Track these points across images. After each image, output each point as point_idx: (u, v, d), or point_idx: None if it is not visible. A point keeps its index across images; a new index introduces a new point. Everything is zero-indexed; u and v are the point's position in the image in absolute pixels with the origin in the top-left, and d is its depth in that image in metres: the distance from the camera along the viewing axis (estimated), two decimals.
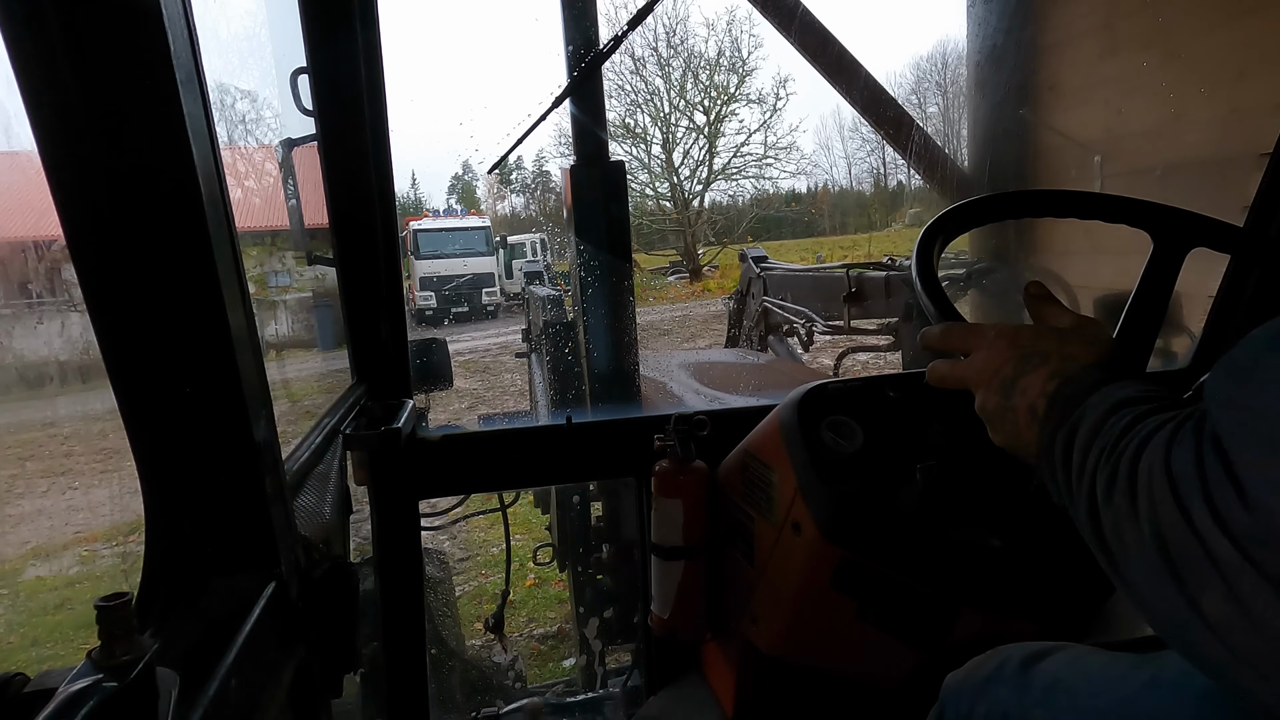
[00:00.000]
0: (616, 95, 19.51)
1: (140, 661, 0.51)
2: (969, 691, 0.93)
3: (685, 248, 19.13)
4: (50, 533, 3.17)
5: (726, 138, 19.85)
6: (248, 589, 0.72)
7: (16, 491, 3.02)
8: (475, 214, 18.33)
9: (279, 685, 0.75)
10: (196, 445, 0.69)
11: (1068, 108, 2.29)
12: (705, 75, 19.40)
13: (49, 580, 3.01)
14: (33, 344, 1.66)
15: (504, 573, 2.25)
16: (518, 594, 4.37)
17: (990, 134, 2.13)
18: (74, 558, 3.11)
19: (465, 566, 4.76)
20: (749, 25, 18.75)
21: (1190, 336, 1.84)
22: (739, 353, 4.34)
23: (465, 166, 21.92)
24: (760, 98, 19.37)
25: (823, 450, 1.14)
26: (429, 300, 15.63)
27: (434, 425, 1.77)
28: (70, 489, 3.14)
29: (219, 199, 0.65)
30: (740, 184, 20.31)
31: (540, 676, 3.46)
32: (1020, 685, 0.88)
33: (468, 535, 4.94)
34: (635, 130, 19.64)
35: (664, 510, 1.36)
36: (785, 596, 1.21)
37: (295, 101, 1.32)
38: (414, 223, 17.34)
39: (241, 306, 0.69)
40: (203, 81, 0.64)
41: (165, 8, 0.57)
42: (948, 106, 10.40)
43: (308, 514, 0.95)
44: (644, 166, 19.96)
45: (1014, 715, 0.86)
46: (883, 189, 19.09)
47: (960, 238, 1.07)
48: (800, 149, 20.20)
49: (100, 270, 0.62)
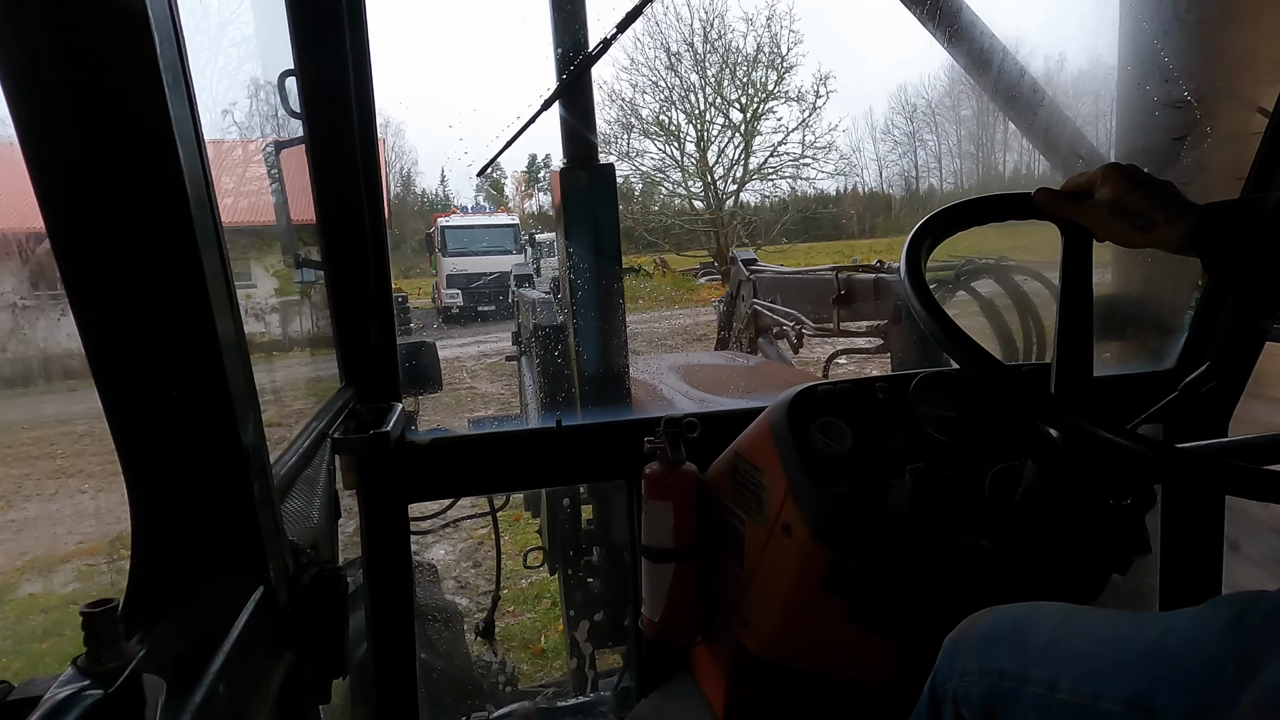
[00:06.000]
0: (650, 91, 19.37)
1: (126, 668, 0.51)
2: (964, 649, 0.93)
3: (718, 249, 18.93)
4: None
5: (763, 136, 19.75)
6: (236, 594, 0.71)
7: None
8: (504, 211, 18.10)
9: (267, 691, 0.74)
10: (183, 449, 0.69)
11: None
12: (743, 72, 19.28)
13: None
14: (56, 335, 1.64)
15: (519, 586, 2.24)
16: (537, 613, 4.24)
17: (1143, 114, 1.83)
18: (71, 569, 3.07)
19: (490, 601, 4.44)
20: (789, 20, 18.67)
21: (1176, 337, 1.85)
22: (729, 355, 4.34)
23: (494, 164, 21.65)
24: (800, 95, 19.26)
25: (813, 452, 1.14)
26: (455, 298, 15.34)
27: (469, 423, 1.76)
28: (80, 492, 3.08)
29: (206, 202, 0.65)
30: (776, 184, 20.15)
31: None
32: (1016, 642, 0.88)
33: (491, 563, 4.54)
34: (669, 127, 19.47)
35: (654, 513, 1.36)
36: (776, 598, 1.21)
37: (283, 103, 1.31)
38: (442, 219, 17.13)
39: (229, 310, 0.69)
40: (189, 84, 0.63)
41: (151, 11, 0.57)
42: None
43: (296, 518, 0.94)
44: (677, 165, 19.81)
45: (1011, 672, 0.86)
46: (914, 192, 18.93)
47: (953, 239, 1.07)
48: (839, 149, 19.96)
49: (86, 274, 0.62)
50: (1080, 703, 0.79)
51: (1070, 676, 0.81)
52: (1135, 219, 0.92)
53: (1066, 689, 0.80)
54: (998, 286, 2.99)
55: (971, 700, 0.89)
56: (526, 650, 3.89)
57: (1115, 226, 0.94)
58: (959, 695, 0.90)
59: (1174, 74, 1.77)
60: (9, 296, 0.63)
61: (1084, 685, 0.79)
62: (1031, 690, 0.83)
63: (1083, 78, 2.01)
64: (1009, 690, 0.85)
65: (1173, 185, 0.93)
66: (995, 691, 0.86)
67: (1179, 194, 0.92)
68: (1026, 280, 2.93)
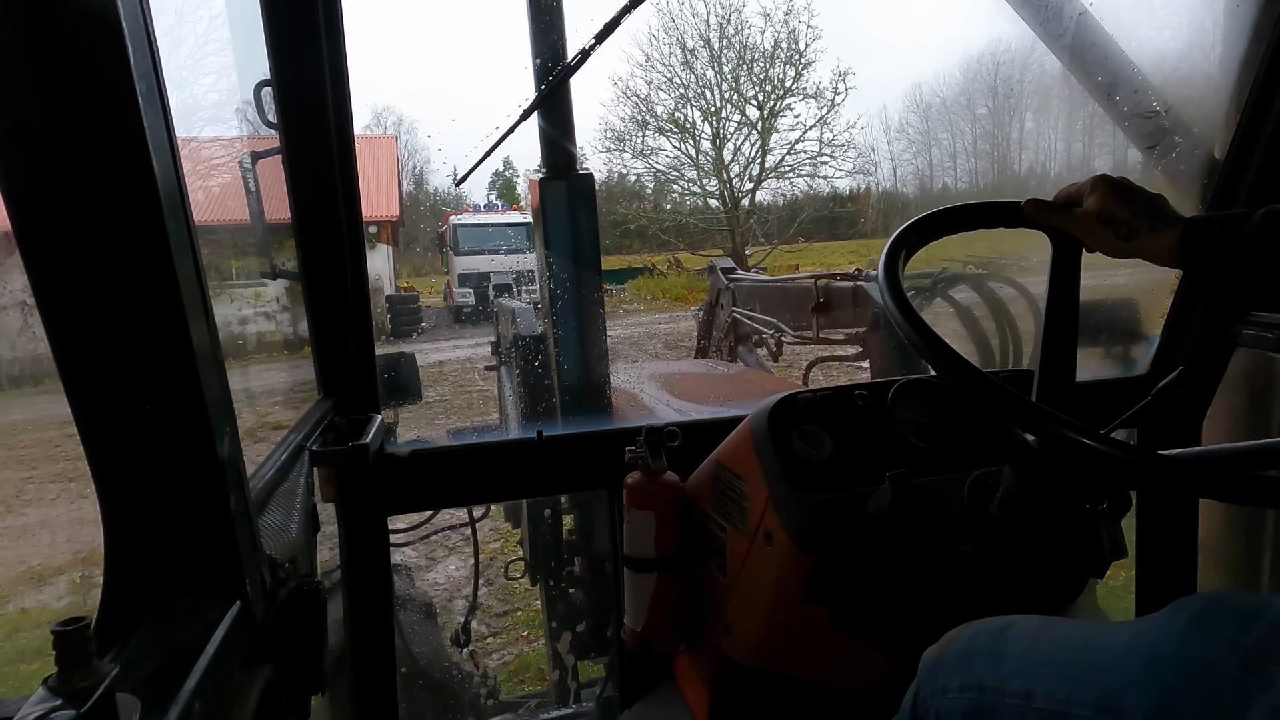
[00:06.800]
0: (665, 88, 19.12)
1: (99, 687, 0.50)
2: (944, 666, 0.93)
3: (733, 248, 18.68)
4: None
5: (780, 134, 19.46)
6: (212, 610, 0.70)
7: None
8: (516, 209, 17.90)
9: (244, 708, 0.73)
10: (158, 462, 0.68)
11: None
12: (760, 68, 19.01)
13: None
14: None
15: (533, 609, 2.23)
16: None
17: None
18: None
19: (503, 624, 4.04)
20: (808, 16, 18.35)
21: (1148, 343, 1.88)
22: (709, 363, 4.36)
23: (506, 163, 21.33)
24: (818, 92, 18.89)
25: (793, 460, 1.15)
26: (468, 298, 15.14)
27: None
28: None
29: (180, 212, 0.64)
30: (793, 182, 19.87)
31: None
32: (994, 656, 0.88)
33: (505, 584, 4.26)
34: (685, 124, 19.23)
35: (636, 522, 1.36)
36: (758, 606, 1.21)
37: (259, 114, 1.30)
38: (454, 217, 16.96)
39: (204, 321, 0.68)
40: (163, 93, 0.63)
41: (124, 20, 0.56)
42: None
43: (273, 532, 0.93)
44: (692, 162, 19.57)
45: (990, 686, 0.86)
46: (927, 191, 18.80)
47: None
48: (856, 147, 19.46)
49: (56, 282, 0.61)
50: (1054, 710, 0.80)
51: (1044, 686, 0.82)
52: (1119, 228, 0.95)
53: (1041, 698, 0.81)
54: (974, 294, 3.03)
55: (954, 717, 0.89)
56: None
57: (1100, 235, 0.97)
58: (941, 712, 0.91)
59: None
60: (19, 294, 0.61)
61: (1057, 693, 0.80)
62: (1009, 702, 0.84)
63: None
64: (988, 704, 0.86)
65: (1162, 198, 0.96)
66: (975, 707, 0.87)
67: (1166, 206, 0.95)
68: (1002, 287, 2.97)
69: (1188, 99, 1.79)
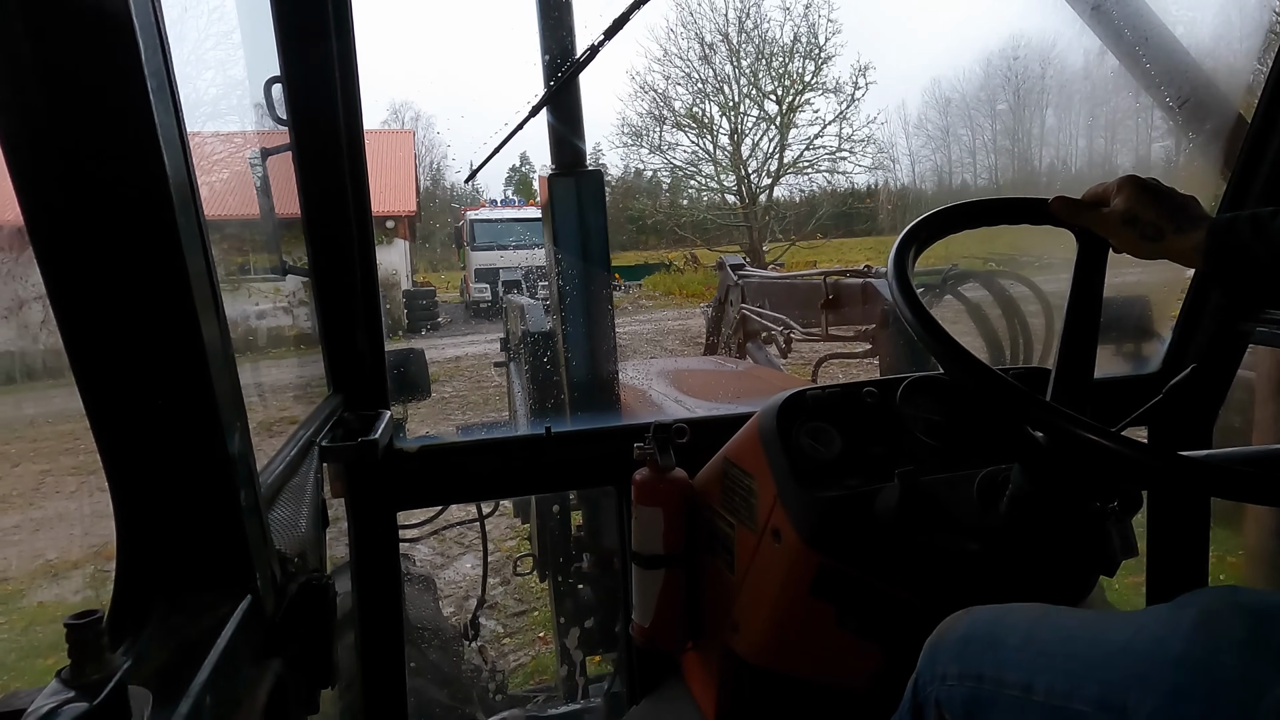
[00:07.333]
0: (684, 83, 18.89)
1: (111, 680, 0.50)
2: (943, 652, 0.93)
3: (751, 244, 18.52)
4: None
5: (799, 129, 19.20)
6: (223, 604, 0.71)
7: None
8: (533, 205, 17.88)
9: (254, 702, 0.74)
10: (169, 458, 0.68)
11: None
12: (779, 62, 18.78)
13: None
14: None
15: (537, 607, 2.24)
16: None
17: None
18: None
19: (520, 624, 3.99)
20: (828, 9, 18.07)
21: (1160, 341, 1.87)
22: (718, 360, 4.35)
23: (523, 159, 21.03)
24: (837, 87, 18.62)
25: (801, 457, 1.15)
26: (484, 293, 15.12)
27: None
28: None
29: (191, 209, 0.65)
30: (811, 178, 19.66)
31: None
32: (992, 643, 0.88)
33: (523, 583, 4.23)
34: (702, 120, 19.02)
35: (644, 519, 1.36)
36: (765, 604, 1.21)
37: (269, 110, 1.31)
38: (470, 212, 16.96)
39: (215, 317, 0.68)
40: (174, 89, 0.63)
41: (136, 16, 0.56)
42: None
43: (283, 527, 0.94)
44: (710, 158, 19.38)
45: (989, 675, 0.86)
46: (945, 187, 18.54)
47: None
48: (876, 142, 19.15)
49: (70, 281, 0.61)
50: (1054, 704, 0.79)
51: (1044, 678, 0.81)
52: (1146, 229, 0.95)
53: (1041, 691, 0.81)
54: (984, 291, 3.01)
55: (954, 704, 0.89)
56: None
57: (1126, 235, 0.97)
58: (941, 699, 0.91)
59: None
60: (35, 289, 0.62)
61: (1057, 686, 0.80)
62: (1008, 693, 0.84)
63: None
64: (987, 694, 0.86)
65: (1193, 199, 0.96)
66: (974, 695, 0.87)
67: (1195, 207, 0.95)
68: (1013, 284, 2.96)
69: (1218, 57, 1.76)
